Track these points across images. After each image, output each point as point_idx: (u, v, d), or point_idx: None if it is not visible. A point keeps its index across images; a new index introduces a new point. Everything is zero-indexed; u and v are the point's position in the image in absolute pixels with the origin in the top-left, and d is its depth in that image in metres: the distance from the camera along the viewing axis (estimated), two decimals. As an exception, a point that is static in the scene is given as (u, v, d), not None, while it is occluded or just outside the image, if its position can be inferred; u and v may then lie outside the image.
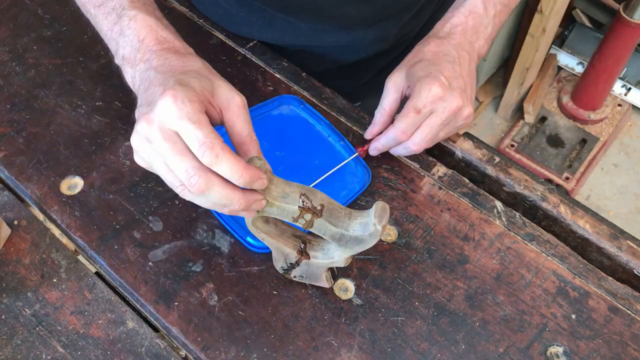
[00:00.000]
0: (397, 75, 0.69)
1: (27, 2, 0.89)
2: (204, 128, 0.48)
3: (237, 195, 0.50)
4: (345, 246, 0.55)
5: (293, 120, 0.76)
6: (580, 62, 2.20)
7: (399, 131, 0.67)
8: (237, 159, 0.48)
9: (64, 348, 0.61)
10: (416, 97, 0.65)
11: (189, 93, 0.49)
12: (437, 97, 0.64)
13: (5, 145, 0.74)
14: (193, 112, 0.48)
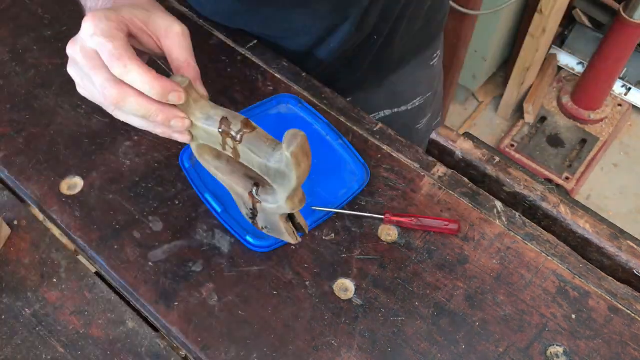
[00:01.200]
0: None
1: (27, 2, 0.89)
2: (115, 41, 0.50)
3: (153, 106, 0.51)
4: (276, 182, 0.52)
5: (291, 119, 0.77)
6: (580, 62, 2.20)
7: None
8: (146, 70, 0.50)
9: (64, 348, 0.61)
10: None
11: (108, 13, 0.51)
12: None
13: (5, 145, 0.74)
14: (107, 28, 0.50)
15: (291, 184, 0.51)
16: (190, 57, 0.55)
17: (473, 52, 2.07)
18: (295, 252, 0.66)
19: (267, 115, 0.77)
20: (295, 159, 0.48)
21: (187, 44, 0.56)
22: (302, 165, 0.49)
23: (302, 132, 0.48)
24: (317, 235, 0.67)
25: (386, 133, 0.76)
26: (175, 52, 0.55)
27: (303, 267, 0.65)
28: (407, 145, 0.75)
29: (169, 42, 0.55)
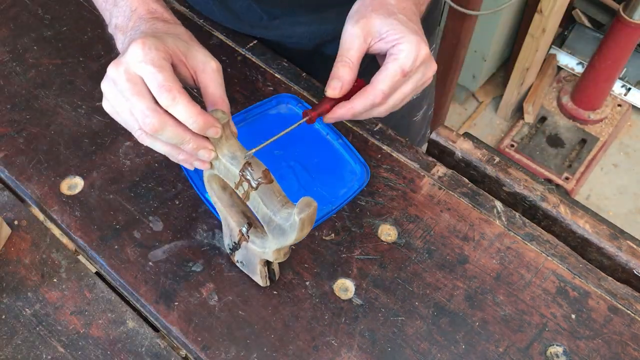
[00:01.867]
0: (367, 23, 0.58)
1: (27, 2, 0.89)
2: (165, 72, 0.51)
3: (188, 135, 0.52)
4: (272, 234, 0.54)
5: (291, 119, 0.77)
6: (580, 62, 2.20)
7: (382, 95, 0.57)
8: (193, 104, 0.51)
9: (64, 348, 0.61)
10: (405, 57, 0.56)
11: (157, 42, 0.52)
12: (424, 59, 0.57)
13: (5, 145, 0.74)
14: (157, 57, 0.51)
15: (286, 242, 0.53)
16: (224, 94, 0.56)
17: (473, 52, 2.07)
18: (296, 252, 0.66)
19: (267, 115, 0.77)
20: (302, 224, 0.50)
21: (221, 81, 0.56)
22: (304, 231, 0.52)
23: (315, 202, 0.50)
24: (317, 235, 0.67)
25: (386, 133, 0.76)
26: (211, 88, 0.55)
27: (303, 267, 0.65)
28: (407, 145, 0.75)
29: (206, 78, 0.55)
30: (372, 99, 0.58)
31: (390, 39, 0.57)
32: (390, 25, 0.58)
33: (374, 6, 0.59)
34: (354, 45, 0.58)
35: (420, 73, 0.58)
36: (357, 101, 0.58)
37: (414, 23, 0.59)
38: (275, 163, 0.72)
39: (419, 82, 0.59)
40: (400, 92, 0.59)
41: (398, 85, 0.58)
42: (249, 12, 0.82)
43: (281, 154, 0.73)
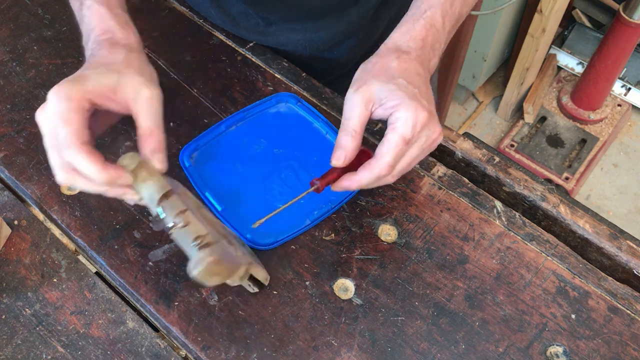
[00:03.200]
0: (367, 89, 0.58)
1: (27, 3, 0.89)
2: (68, 127, 0.50)
3: (103, 187, 0.52)
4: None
5: (291, 117, 0.77)
6: (580, 62, 2.20)
7: (387, 166, 0.57)
8: (94, 159, 0.50)
9: (64, 348, 0.61)
10: (404, 124, 0.56)
11: (71, 90, 0.51)
12: (424, 124, 0.56)
13: (5, 145, 0.74)
14: (65, 110, 0.51)
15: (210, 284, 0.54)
16: (154, 125, 0.54)
17: (473, 52, 2.07)
18: (295, 252, 0.66)
19: (266, 114, 0.77)
20: (201, 278, 0.51)
21: (155, 109, 0.55)
22: (212, 280, 0.52)
23: (212, 257, 0.50)
24: (317, 235, 0.67)
25: (386, 133, 0.76)
26: (141, 119, 0.54)
27: (303, 267, 0.65)
28: (407, 145, 0.75)
29: (137, 108, 0.54)
30: (378, 172, 0.57)
31: (389, 105, 0.57)
32: (389, 91, 0.57)
33: (374, 72, 0.59)
34: (355, 114, 0.58)
35: (424, 137, 0.58)
36: (363, 174, 0.58)
37: (414, 85, 0.58)
38: (275, 162, 0.73)
39: (424, 146, 0.58)
40: (407, 159, 0.58)
41: (402, 153, 0.57)
42: (245, 18, 0.82)
43: (281, 153, 0.73)
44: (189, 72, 0.81)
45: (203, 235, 0.52)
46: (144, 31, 0.85)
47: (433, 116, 0.58)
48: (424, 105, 0.57)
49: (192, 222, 0.53)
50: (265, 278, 0.63)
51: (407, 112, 0.56)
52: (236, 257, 0.56)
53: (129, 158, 0.53)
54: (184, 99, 0.78)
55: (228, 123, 0.75)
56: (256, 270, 0.60)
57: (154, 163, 0.54)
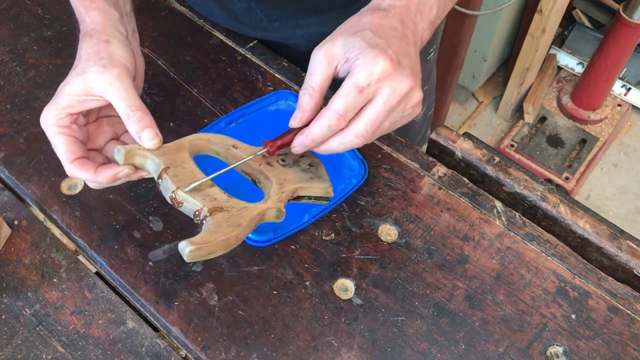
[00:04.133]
0: (331, 46, 0.54)
1: (27, 3, 0.89)
2: (57, 150, 0.56)
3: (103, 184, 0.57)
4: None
5: (290, 115, 0.76)
6: (580, 62, 2.20)
7: (336, 115, 0.52)
8: (86, 168, 0.55)
9: (64, 348, 0.61)
10: (359, 71, 0.51)
11: (48, 116, 0.57)
12: (385, 73, 0.51)
13: (5, 145, 0.74)
14: (51, 136, 0.57)
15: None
16: (129, 107, 0.55)
17: (473, 52, 2.07)
18: (295, 252, 0.66)
19: (266, 112, 0.77)
20: (194, 261, 0.52)
21: (121, 91, 0.55)
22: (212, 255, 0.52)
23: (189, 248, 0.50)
24: (317, 235, 0.67)
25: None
26: (115, 107, 0.56)
27: (303, 267, 0.65)
28: (407, 145, 0.75)
29: (108, 98, 0.56)
30: (327, 120, 0.53)
31: (351, 57, 0.53)
32: (352, 43, 0.53)
33: (344, 27, 0.56)
34: (316, 70, 0.54)
35: (387, 88, 0.52)
36: (313, 125, 0.54)
37: (381, 37, 0.53)
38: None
39: (391, 101, 0.52)
40: (370, 114, 0.53)
41: (357, 103, 0.52)
42: (248, 14, 0.82)
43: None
44: (189, 72, 0.81)
45: (199, 209, 0.53)
46: (144, 31, 0.85)
47: (402, 67, 0.52)
48: (388, 54, 0.51)
49: (184, 199, 0.53)
50: (325, 190, 0.60)
51: (364, 59, 0.51)
52: (246, 210, 0.54)
53: (116, 152, 0.55)
54: (184, 99, 0.78)
55: (227, 120, 0.75)
56: (308, 189, 0.59)
57: (143, 144, 0.55)
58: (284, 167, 0.60)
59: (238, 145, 0.59)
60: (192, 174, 0.55)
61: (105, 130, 0.62)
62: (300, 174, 0.60)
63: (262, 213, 0.55)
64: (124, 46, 0.59)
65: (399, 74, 0.52)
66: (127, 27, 0.63)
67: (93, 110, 0.60)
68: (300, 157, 0.61)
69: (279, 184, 0.58)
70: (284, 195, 0.57)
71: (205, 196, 0.54)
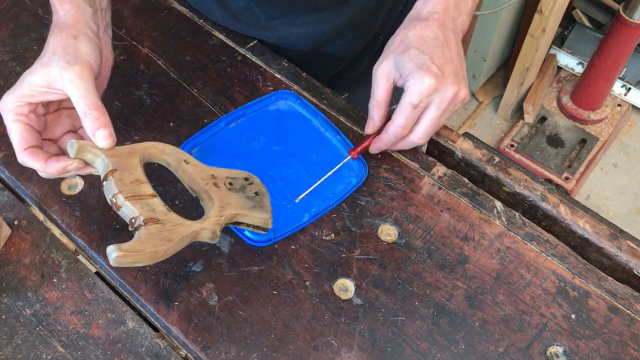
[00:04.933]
0: (386, 64, 0.65)
1: (27, 3, 0.89)
2: (12, 136, 0.58)
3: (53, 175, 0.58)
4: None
5: (290, 115, 0.77)
6: (580, 62, 2.20)
7: (398, 128, 0.65)
8: (37, 158, 0.57)
9: (64, 348, 0.61)
10: (410, 91, 0.63)
11: (7, 102, 0.58)
12: (432, 89, 0.62)
13: (5, 145, 0.74)
14: (8, 122, 0.58)
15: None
16: (87, 105, 0.56)
17: (473, 52, 2.07)
18: (295, 252, 0.66)
19: (266, 112, 0.77)
20: (121, 265, 0.52)
21: (82, 88, 0.57)
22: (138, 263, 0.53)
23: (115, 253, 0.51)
24: (317, 235, 0.67)
25: (386, 133, 0.76)
26: (74, 103, 0.57)
27: (303, 267, 0.65)
28: (407, 145, 0.75)
29: (68, 93, 0.57)
30: (393, 133, 0.66)
31: (403, 74, 0.64)
32: (402, 63, 0.64)
33: (394, 45, 0.66)
34: (379, 87, 0.66)
35: (437, 99, 0.63)
36: (382, 135, 0.68)
37: (425, 52, 0.63)
38: (274, 159, 0.73)
39: (441, 106, 0.64)
40: (426, 121, 0.65)
41: (414, 116, 0.64)
42: (247, 12, 0.83)
43: (279, 150, 0.73)
44: (189, 72, 0.81)
45: (135, 217, 0.54)
46: (144, 31, 0.85)
47: (444, 78, 0.63)
48: (432, 72, 0.62)
49: (123, 205, 0.54)
50: (265, 222, 0.62)
51: (413, 81, 0.62)
52: (181, 226, 0.55)
53: (69, 145, 0.56)
54: (184, 99, 0.78)
55: (227, 120, 0.75)
56: (248, 217, 0.60)
57: (96, 142, 0.56)
58: (230, 191, 0.61)
59: (190, 161, 0.60)
60: (137, 180, 0.56)
61: (64, 122, 0.63)
62: (243, 200, 0.61)
63: (197, 232, 0.56)
64: (92, 44, 0.60)
65: (444, 85, 0.63)
66: (100, 24, 0.64)
67: (54, 102, 0.61)
68: (248, 184, 0.63)
69: (220, 206, 0.59)
70: (222, 218, 0.58)
71: (145, 205, 0.54)
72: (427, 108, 0.65)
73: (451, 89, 0.63)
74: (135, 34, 0.85)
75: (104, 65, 0.65)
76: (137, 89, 0.79)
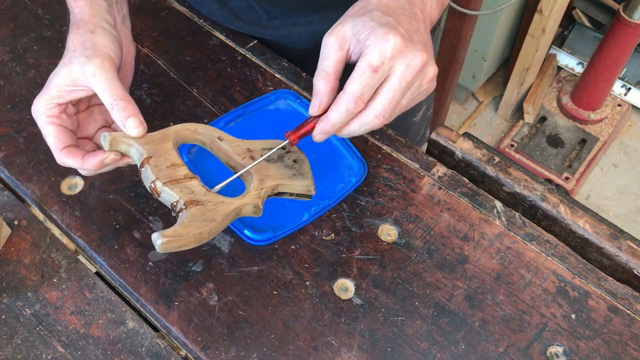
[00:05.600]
0: (341, 29, 0.53)
1: (27, 2, 0.89)
2: (48, 139, 0.58)
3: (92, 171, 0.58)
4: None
5: (289, 114, 0.77)
6: (580, 62, 2.20)
7: (353, 98, 0.52)
8: (74, 156, 0.57)
9: (64, 348, 0.61)
10: (370, 51, 0.51)
11: (38, 106, 0.58)
12: (397, 50, 0.51)
13: (5, 145, 0.74)
14: (41, 126, 0.58)
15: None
16: (112, 96, 0.56)
17: (473, 52, 2.07)
18: (295, 252, 0.66)
19: (265, 111, 0.77)
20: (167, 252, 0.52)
21: (105, 80, 0.56)
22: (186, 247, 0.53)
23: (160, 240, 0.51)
24: (317, 235, 0.67)
25: (386, 133, 0.76)
26: (100, 96, 0.57)
27: (303, 267, 0.65)
28: (406, 145, 0.75)
29: (92, 88, 0.57)
30: (345, 104, 0.52)
31: (362, 37, 0.52)
32: (361, 24, 0.52)
33: (353, 10, 0.56)
34: (328, 55, 0.54)
35: (401, 65, 0.51)
36: (331, 111, 0.53)
37: (390, 15, 0.53)
38: None
39: (406, 77, 0.52)
40: (387, 93, 0.52)
41: (373, 82, 0.52)
42: (248, 12, 0.82)
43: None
44: (189, 72, 0.81)
45: (176, 201, 0.54)
46: (144, 31, 0.85)
47: (413, 43, 0.52)
48: (398, 31, 0.51)
49: (162, 191, 0.54)
50: (307, 188, 0.60)
51: (375, 38, 0.51)
52: (222, 204, 0.55)
53: (102, 139, 0.56)
54: (184, 99, 0.78)
55: (227, 119, 0.75)
56: (289, 186, 0.60)
57: (127, 132, 0.56)
58: (268, 162, 0.60)
59: (224, 137, 0.60)
60: (173, 164, 0.56)
61: (96, 118, 0.63)
62: (283, 170, 0.60)
63: (239, 208, 0.56)
64: (109, 36, 0.60)
65: (411, 49, 0.51)
66: (116, 16, 0.64)
67: (84, 99, 0.61)
68: (285, 153, 0.62)
69: (259, 179, 0.58)
70: (263, 191, 0.57)
71: (183, 189, 0.54)
72: (388, 77, 0.52)
73: (420, 55, 0.51)
74: (135, 34, 0.85)
75: (125, 56, 0.64)
76: (137, 89, 0.79)
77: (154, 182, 0.54)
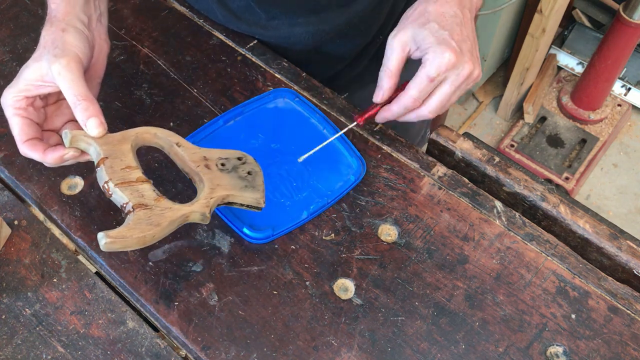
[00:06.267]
0: (404, 34, 0.66)
1: (27, 2, 0.89)
2: (13, 129, 0.59)
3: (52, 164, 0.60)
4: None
5: (288, 113, 0.77)
6: (580, 62, 2.20)
7: (412, 99, 0.65)
8: (37, 149, 0.59)
9: (64, 348, 0.61)
10: (429, 64, 0.63)
11: (6, 97, 0.60)
12: (450, 64, 0.63)
13: (5, 145, 0.74)
14: (8, 116, 0.60)
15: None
16: (75, 95, 0.58)
17: (473, 52, 2.06)
18: (295, 252, 0.66)
19: (264, 109, 0.77)
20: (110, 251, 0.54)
21: (70, 79, 0.58)
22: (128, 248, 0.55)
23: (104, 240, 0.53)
24: (317, 235, 0.67)
25: (386, 133, 0.76)
26: (64, 94, 0.58)
27: (303, 267, 0.65)
28: (407, 145, 0.75)
29: (58, 85, 0.59)
30: (404, 102, 0.66)
31: (423, 47, 0.64)
32: (421, 36, 0.64)
33: (413, 17, 0.67)
34: (392, 55, 0.66)
35: (453, 75, 0.64)
36: (393, 105, 0.67)
37: (445, 28, 0.64)
38: (272, 156, 0.73)
39: (456, 83, 0.65)
40: (439, 95, 0.65)
41: (427, 89, 0.65)
42: (248, 12, 0.83)
43: (278, 148, 0.74)
44: (189, 72, 0.81)
45: (125, 203, 0.55)
46: (144, 31, 0.85)
47: (462, 55, 0.64)
48: (452, 47, 0.63)
49: (113, 192, 0.56)
50: (257, 201, 0.62)
51: (433, 55, 0.63)
52: (170, 210, 0.56)
53: (64, 135, 0.58)
54: (184, 99, 0.78)
55: (226, 118, 0.75)
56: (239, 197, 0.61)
57: (88, 131, 0.58)
58: (222, 172, 0.61)
59: (182, 144, 0.61)
60: (128, 167, 0.57)
61: (64, 112, 0.64)
62: (235, 180, 0.61)
63: (186, 215, 0.57)
64: (80, 36, 0.62)
65: (461, 62, 0.64)
66: (92, 14, 0.66)
67: (53, 93, 0.62)
68: (241, 164, 0.63)
69: (211, 188, 0.59)
70: (212, 200, 0.59)
71: (134, 191, 0.56)
72: (442, 83, 0.65)
73: (468, 66, 0.64)
74: (135, 34, 0.85)
75: (97, 55, 0.66)
76: (137, 89, 0.79)
77: (107, 183, 0.56)
